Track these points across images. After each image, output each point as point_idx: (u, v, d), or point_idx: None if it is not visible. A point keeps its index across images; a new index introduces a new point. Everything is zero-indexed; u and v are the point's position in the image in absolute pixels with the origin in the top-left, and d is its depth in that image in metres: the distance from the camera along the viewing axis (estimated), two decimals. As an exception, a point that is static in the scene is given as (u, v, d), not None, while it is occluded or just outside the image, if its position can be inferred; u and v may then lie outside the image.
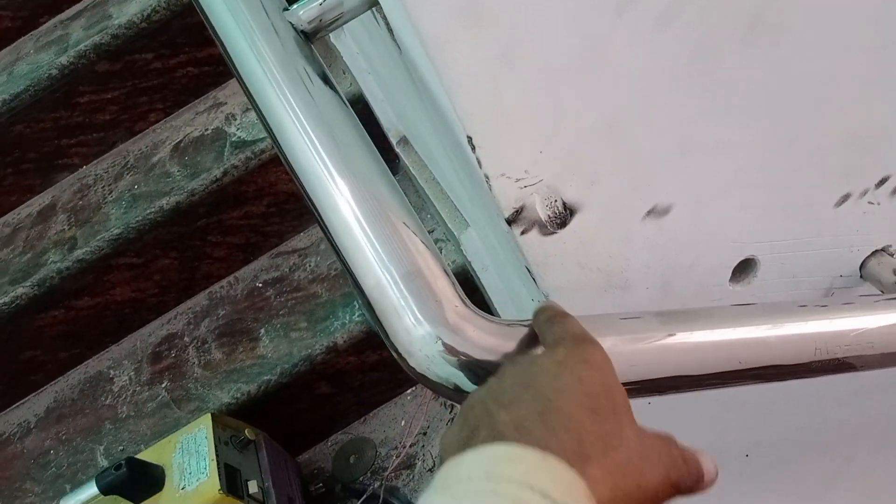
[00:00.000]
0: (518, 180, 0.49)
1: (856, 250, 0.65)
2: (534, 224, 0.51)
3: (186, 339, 1.44)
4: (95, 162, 1.61)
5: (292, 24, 0.51)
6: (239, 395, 1.28)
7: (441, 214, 1.17)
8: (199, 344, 1.41)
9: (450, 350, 0.43)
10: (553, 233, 0.52)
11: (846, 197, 0.60)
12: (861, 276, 0.67)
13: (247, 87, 0.51)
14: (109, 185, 1.50)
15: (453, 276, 0.47)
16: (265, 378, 1.28)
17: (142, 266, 1.45)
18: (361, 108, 1.20)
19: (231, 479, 1.09)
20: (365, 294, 0.46)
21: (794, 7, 0.49)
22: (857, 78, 0.54)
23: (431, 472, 1.29)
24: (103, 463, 1.31)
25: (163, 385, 1.38)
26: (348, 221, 0.46)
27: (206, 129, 1.50)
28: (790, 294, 0.65)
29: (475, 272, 1.01)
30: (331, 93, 0.50)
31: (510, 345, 0.45)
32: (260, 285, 1.45)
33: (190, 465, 1.10)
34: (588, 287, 0.57)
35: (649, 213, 0.54)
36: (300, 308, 1.36)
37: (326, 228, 0.47)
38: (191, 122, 1.55)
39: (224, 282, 1.50)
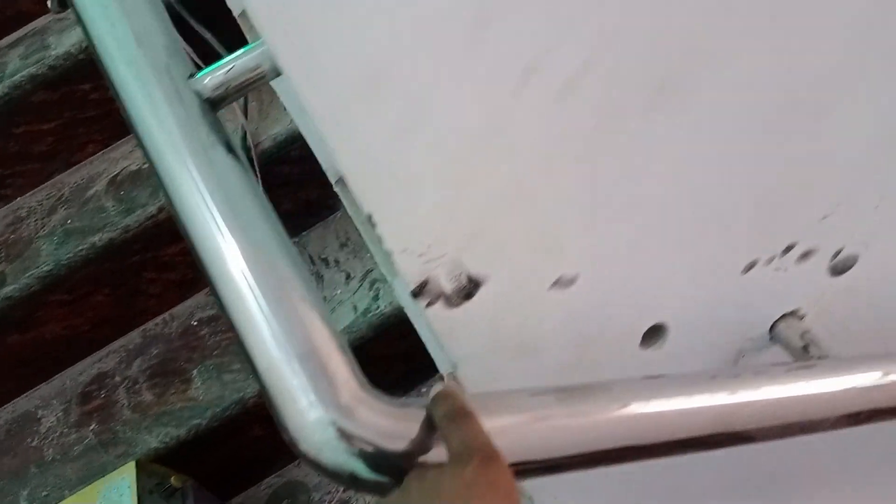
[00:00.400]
0: (421, 255, 0.49)
1: (765, 314, 0.66)
2: (439, 297, 0.51)
3: (117, 378, 1.40)
4: (30, 193, 1.57)
5: (197, 92, 0.50)
6: (168, 439, 1.24)
7: (376, 258, 1.16)
8: (129, 384, 1.38)
9: (344, 435, 0.43)
10: (458, 305, 0.52)
11: (753, 264, 0.61)
12: (771, 339, 0.68)
13: (148, 154, 0.50)
14: (43, 218, 1.47)
15: (351, 354, 0.46)
16: (195, 422, 1.25)
17: (73, 303, 1.42)
18: (301, 146, 1.19)
19: (155, 529, 1.06)
20: (258, 374, 0.45)
21: (696, 76, 0.50)
22: (759, 148, 0.56)
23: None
24: (25, 507, 1.27)
25: (91, 427, 1.34)
26: (244, 296, 0.46)
27: (144, 163, 1.47)
28: (700, 357, 0.66)
29: (410, 315, 1.01)
30: (233, 163, 0.49)
31: (409, 428, 0.44)
32: (195, 323, 1.42)
33: (112, 514, 1.07)
34: (497, 355, 0.57)
35: (555, 283, 0.54)
36: (234, 348, 1.33)
37: (221, 302, 0.47)
38: (129, 154, 1.52)
39: (159, 319, 1.47)
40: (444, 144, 0.45)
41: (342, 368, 0.45)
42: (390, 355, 1.32)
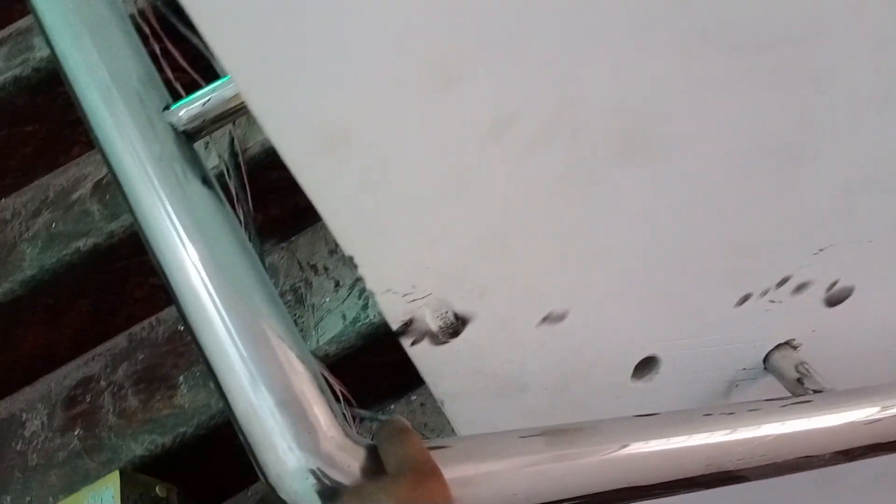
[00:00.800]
0: (406, 295, 0.47)
1: (759, 345, 0.65)
2: (424, 335, 0.50)
3: (103, 383, 1.39)
4: (15, 195, 1.55)
5: (171, 124, 0.48)
6: (153, 447, 1.23)
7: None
8: (115, 389, 1.36)
9: (323, 486, 0.41)
10: (445, 342, 0.51)
11: (746, 297, 0.60)
12: (765, 369, 0.67)
13: (122, 189, 0.48)
14: (27, 221, 1.44)
15: (330, 397, 0.45)
16: (181, 430, 1.23)
17: (58, 308, 1.40)
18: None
19: (139, 542, 1.04)
20: (236, 419, 0.44)
21: (669, 127, 0.48)
22: (742, 190, 0.54)
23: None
24: (9, 517, 1.25)
25: (75, 433, 1.33)
26: (221, 340, 0.44)
27: (132, 165, 1.45)
28: (693, 388, 0.64)
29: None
30: (210, 198, 0.48)
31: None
32: (182, 329, 1.40)
33: (95, 526, 1.05)
34: (484, 391, 0.55)
35: (544, 319, 0.53)
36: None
37: (197, 343, 0.45)
38: (116, 156, 1.50)
39: (146, 323, 1.45)
40: (414, 195, 0.44)
41: (323, 414, 0.43)
42: (380, 365, 1.31)
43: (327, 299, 1.30)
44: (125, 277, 1.40)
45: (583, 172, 0.46)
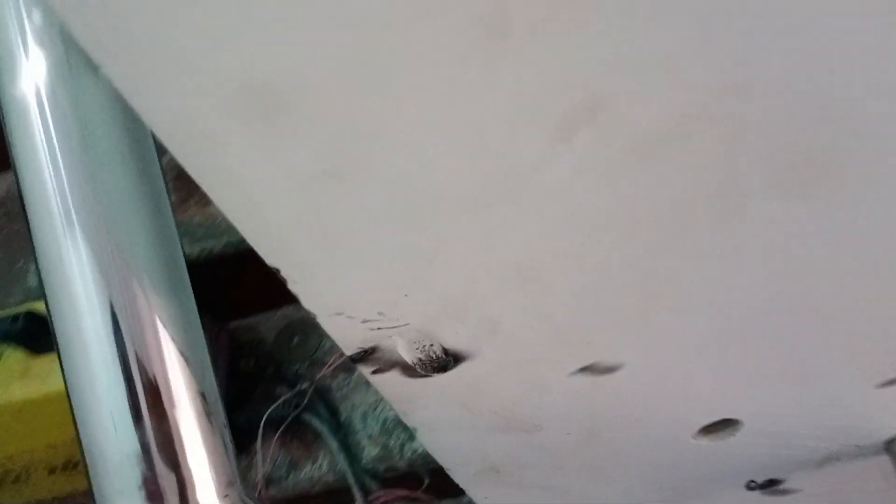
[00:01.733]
0: (367, 321, 0.31)
1: (887, 423, 0.47)
2: (393, 366, 0.34)
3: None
4: None
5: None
6: (177, 255, 1.15)
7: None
8: (155, 178, 1.26)
9: None
10: (426, 376, 0.35)
11: (894, 381, 0.41)
12: (886, 450, 0.49)
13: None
14: None
15: (227, 441, 0.30)
16: (209, 244, 1.14)
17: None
18: None
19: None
20: (81, 448, 0.30)
21: (875, 144, 0.27)
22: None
23: (369, 385, 1.18)
24: (32, 282, 1.21)
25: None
26: (83, 329, 0.29)
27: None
28: (775, 454, 0.47)
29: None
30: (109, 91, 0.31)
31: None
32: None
33: (97, 330, 0.99)
34: (476, 427, 0.40)
35: (584, 369, 0.36)
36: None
37: (51, 321, 0.30)
38: None
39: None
40: (405, 198, 0.25)
41: (209, 483, 0.29)
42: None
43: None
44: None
45: (714, 200, 0.27)
